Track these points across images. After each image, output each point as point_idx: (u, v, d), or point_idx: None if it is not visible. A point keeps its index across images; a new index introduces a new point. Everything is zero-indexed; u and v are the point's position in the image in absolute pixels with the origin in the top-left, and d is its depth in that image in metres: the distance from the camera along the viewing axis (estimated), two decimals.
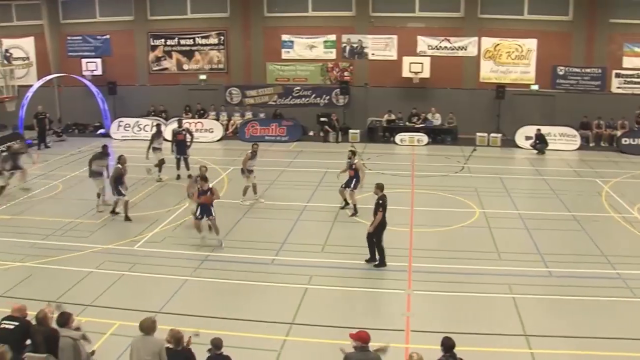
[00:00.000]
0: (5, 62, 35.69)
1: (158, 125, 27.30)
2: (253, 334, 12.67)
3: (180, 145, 25.31)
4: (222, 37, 36.54)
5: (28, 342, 10.31)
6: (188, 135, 25.73)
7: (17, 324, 10.41)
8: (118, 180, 19.97)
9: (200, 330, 10.44)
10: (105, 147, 22.64)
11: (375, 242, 16.19)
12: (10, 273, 16.14)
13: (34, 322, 10.54)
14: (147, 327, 9.80)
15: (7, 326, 10.39)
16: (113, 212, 20.61)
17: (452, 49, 34.14)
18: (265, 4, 35.87)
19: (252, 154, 22.09)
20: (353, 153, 21.73)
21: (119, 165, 20.14)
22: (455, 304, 14.24)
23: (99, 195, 21.40)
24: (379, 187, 16.41)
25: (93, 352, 11.28)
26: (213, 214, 17.78)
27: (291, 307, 13.98)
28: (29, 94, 34.04)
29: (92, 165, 21.50)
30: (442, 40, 34.09)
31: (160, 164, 25.18)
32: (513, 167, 28.73)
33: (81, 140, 34.40)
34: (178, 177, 25.31)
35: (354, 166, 21.01)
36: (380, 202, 15.97)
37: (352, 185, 20.91)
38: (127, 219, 20.13)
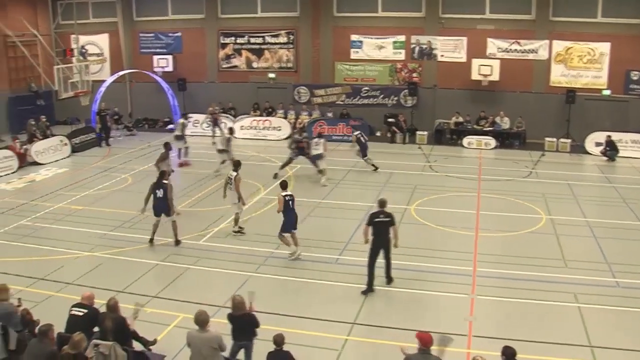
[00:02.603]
0: (81, 57, 36.69)
1: (166, 145, 23.82)
2: (315, 332, 12.80)
3: (300, 149, 25.83)
4: (292, 36, 36.77)
5: (95, 329, 10.64)
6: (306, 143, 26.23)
7: (85, 311, 10.78)
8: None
9: (263, 326, 10.58)
10: (167, 144, 22.81)
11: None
12: (81, 262, 16.70)
13: (102, 310, 10.88)
14: (203, 321, 9.97)
15: (76, 313, 10.78)
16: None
17: (523, 52, 33.55)
18: (335, 3, 35.94)
19: None
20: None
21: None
22: (519, 310, 14.07)
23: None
24: None
25: (155, 341, 11.59)
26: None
27: (353, 307, 14.05)
28: (102, 88, 34.85)
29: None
30: (513, 43, 33.47)
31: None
32: (582, 173, 28.09)
33: (151, 135, 35.18)
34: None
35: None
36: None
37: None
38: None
